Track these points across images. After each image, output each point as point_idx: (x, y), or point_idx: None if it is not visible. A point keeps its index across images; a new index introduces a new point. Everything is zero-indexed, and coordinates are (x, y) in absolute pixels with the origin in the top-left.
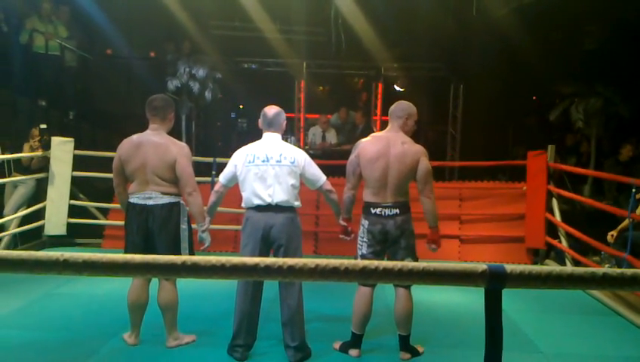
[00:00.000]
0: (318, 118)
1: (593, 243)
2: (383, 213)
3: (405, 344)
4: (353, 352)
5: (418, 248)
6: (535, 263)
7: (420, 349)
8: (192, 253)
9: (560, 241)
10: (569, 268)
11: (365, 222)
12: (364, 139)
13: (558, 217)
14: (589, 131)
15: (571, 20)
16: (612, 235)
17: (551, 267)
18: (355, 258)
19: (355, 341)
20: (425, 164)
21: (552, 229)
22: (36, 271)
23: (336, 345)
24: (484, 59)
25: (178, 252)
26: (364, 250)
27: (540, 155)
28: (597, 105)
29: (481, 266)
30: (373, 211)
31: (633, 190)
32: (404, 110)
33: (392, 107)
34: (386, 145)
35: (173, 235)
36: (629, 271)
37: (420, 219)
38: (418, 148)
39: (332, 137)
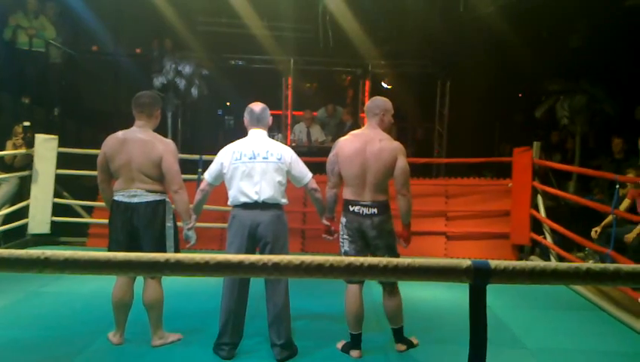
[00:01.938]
0: (302, 115)
1: (577, 239)
2: (361, 211)
3: (399, 336)
4: (354, 353)
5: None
6: (520, 259)
7: (415, 341)
8: (177, 251)
9: (545, 237)
10: (553, 263)
11: (343, 219)
12: (342, 138)
13: (543, 213)
14: (574, 128)
15: (558, 18)
16: (596, 231)
17: (535, 262)
18: (339, 255)
19: (355, 341)
20: (402, 161)
21: (537, 226)
22: (17, 269)
23: (339, 345)
24: (471, 56)
25: (163, 250)
26: (347, 247)
27: (526, 152)
28: (582, 102)
29: (466, 262)
30: (351, 209)
31: (617, 186)
32: (379, 107)
33: (368, 104)
34: (364, 142)
35: (159, 233)
36: (611, 266)
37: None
38: (395, 145)
39: (317, 133)
